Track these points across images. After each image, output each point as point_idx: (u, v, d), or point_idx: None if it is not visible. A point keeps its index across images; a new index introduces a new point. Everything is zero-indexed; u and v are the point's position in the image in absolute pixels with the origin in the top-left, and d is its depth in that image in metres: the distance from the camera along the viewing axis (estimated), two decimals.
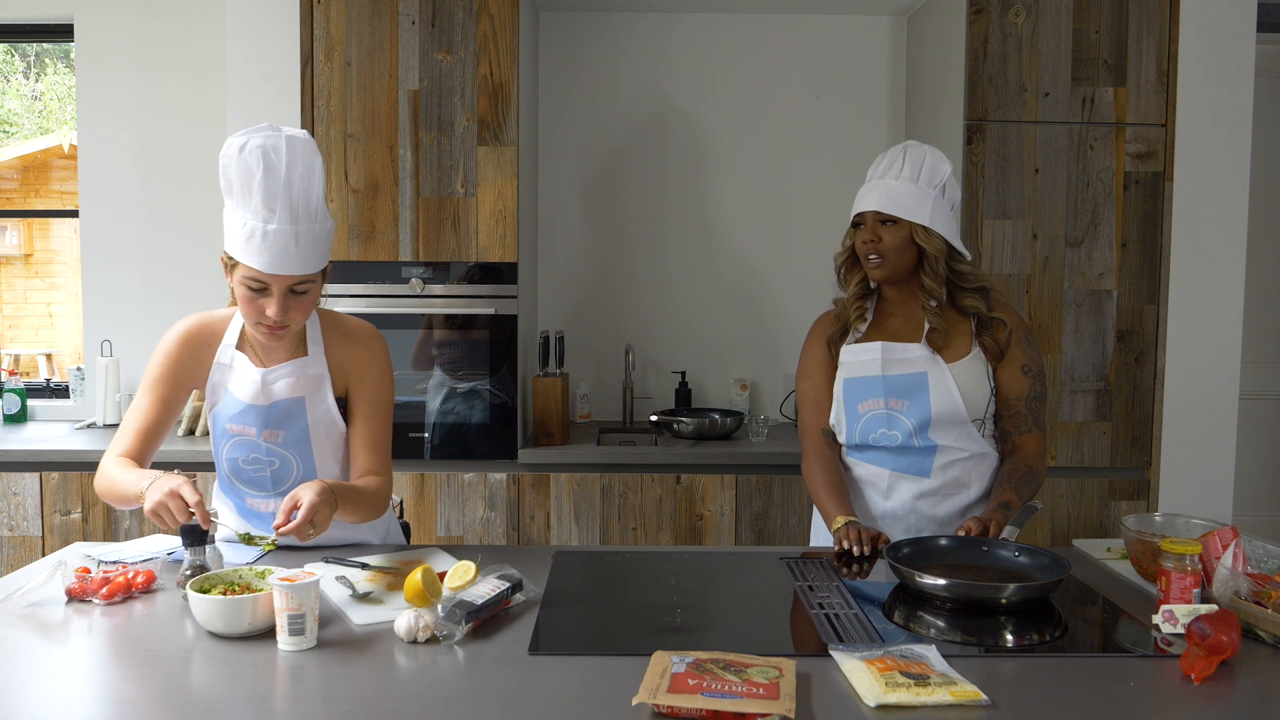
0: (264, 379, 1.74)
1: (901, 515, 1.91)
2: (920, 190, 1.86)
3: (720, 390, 3.62)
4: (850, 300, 1.98)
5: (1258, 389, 3.76)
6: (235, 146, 1.60)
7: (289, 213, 1.61)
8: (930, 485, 1.89)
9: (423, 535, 2.97)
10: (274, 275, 1.61)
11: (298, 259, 1.62)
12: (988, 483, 1.93)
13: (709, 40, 3.54)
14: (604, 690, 1.19)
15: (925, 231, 1.85)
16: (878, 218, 1.87)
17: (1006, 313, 1.92)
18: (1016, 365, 1.89)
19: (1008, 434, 1.91)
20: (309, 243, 1.63)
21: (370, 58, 2.91)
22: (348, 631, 1.40)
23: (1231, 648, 1.24)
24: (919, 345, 1.89)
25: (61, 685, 1.22)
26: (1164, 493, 3.03)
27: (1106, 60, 2.95)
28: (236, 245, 1.62)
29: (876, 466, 1.94)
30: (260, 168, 1.58)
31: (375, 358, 1.81)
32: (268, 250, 1.60)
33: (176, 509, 1.49)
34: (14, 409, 3.45)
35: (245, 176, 1.59)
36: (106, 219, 3.49)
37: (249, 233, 1.60)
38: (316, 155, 1.65)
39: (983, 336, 1.90)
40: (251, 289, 1.63)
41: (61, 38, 3.56)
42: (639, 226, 3.59)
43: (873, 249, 1.88)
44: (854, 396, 1.94)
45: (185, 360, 1.76)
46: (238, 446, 1.78)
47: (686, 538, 3.00)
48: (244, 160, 1.59)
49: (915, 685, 1.17)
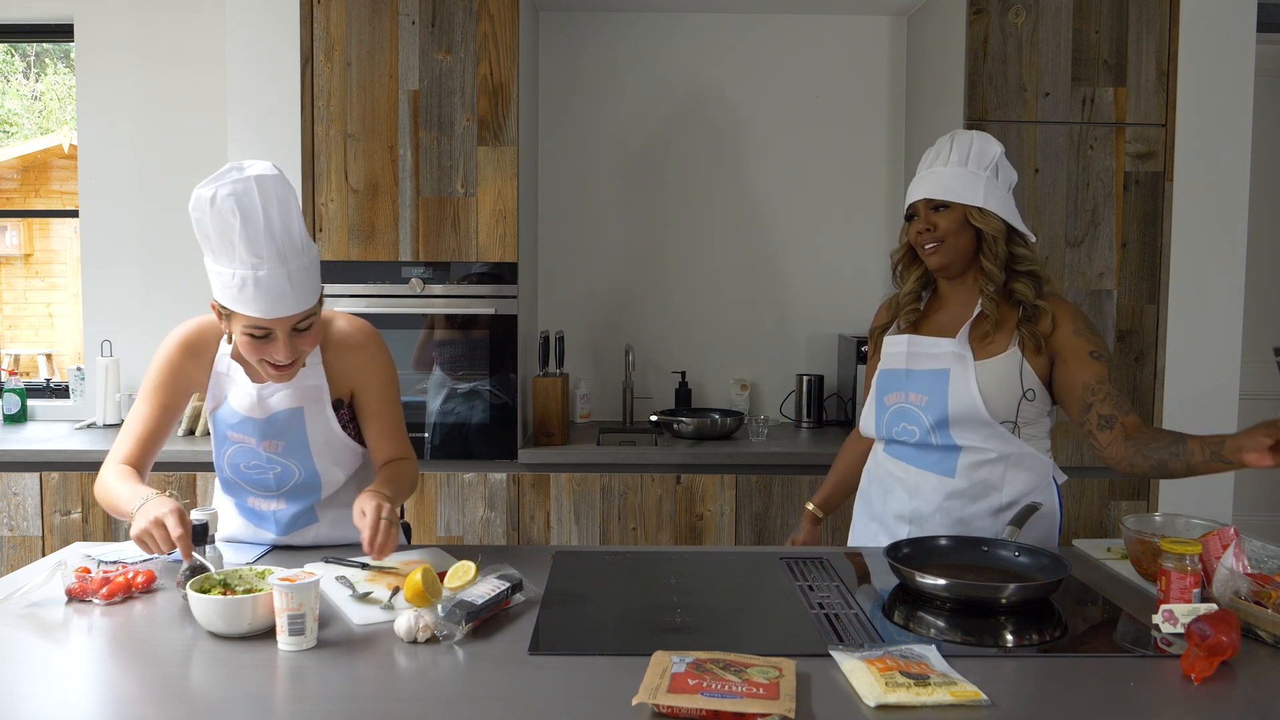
0: (259, 394, 1.73)
1: (928, 515, 1.86)
2: (970, 173, 1.82)
3: (720, 390, 3.62)
4: (905, 297, 1.95)
5: (1258, 389, 3.76)
6: (205, 199, 1.52)
7: (276, 254, 1.56)
8: (957, 486, 1.84)
9: (423, 535, 2.97)
10: (276, 319, 1.59)
11: (294, 297, 1.59)
12: (1022, 485, 1.84)
13: (709, 40, 3.54)
14: (604, 690, 1.19)
15: (980, 213, 1.81)
16: (929, 205, 1.84)
17: (1057, 304, 1.83)
18: (1083, 354, 1.79)
19: (1113, 419, 1.74)
20: (301, 278, 1.60)
21: (370, 58, 2.91)
22: (348, 631, 1.40)
23: (1231, 648, 1.24)
24: (950, 340, 1.84)
25: (61, 685, 1.22)
26: (1164, 493, 3.03)
27: (1106, 60, 2.95)
28: (229, 296, 1.57)
29: (905, 463, 1.91)
30: (237, 216, 1.52)
31: (375, 358, 1.81)
32: (264, 296, 1.56)
33: (160, 539, 1.47)
34: (14, 409, 3.45)
35: (223, 228, 1.53)
36: (106, 219, 3.49)
37: (240, 282, 1.55)
38: (288, 188, 1.60)
39: (1023, 326, 1.82)
40: (255, 336, 1.60)
41: (61, 38, 3.56)
42: (639, 226, 3.59)
43: (929, 237, 1.84)
44: (883, 388, 1.93)
45: (185, 366, 1.75)
46: (239, 453, 1.78)
47: (686, 538, 3.00)
48: (218, 212, 1.52)
49: (915, 685, 1.16)
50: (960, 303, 1.90)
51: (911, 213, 1.89)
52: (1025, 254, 1.84)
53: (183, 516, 1.49)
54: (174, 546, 1.48)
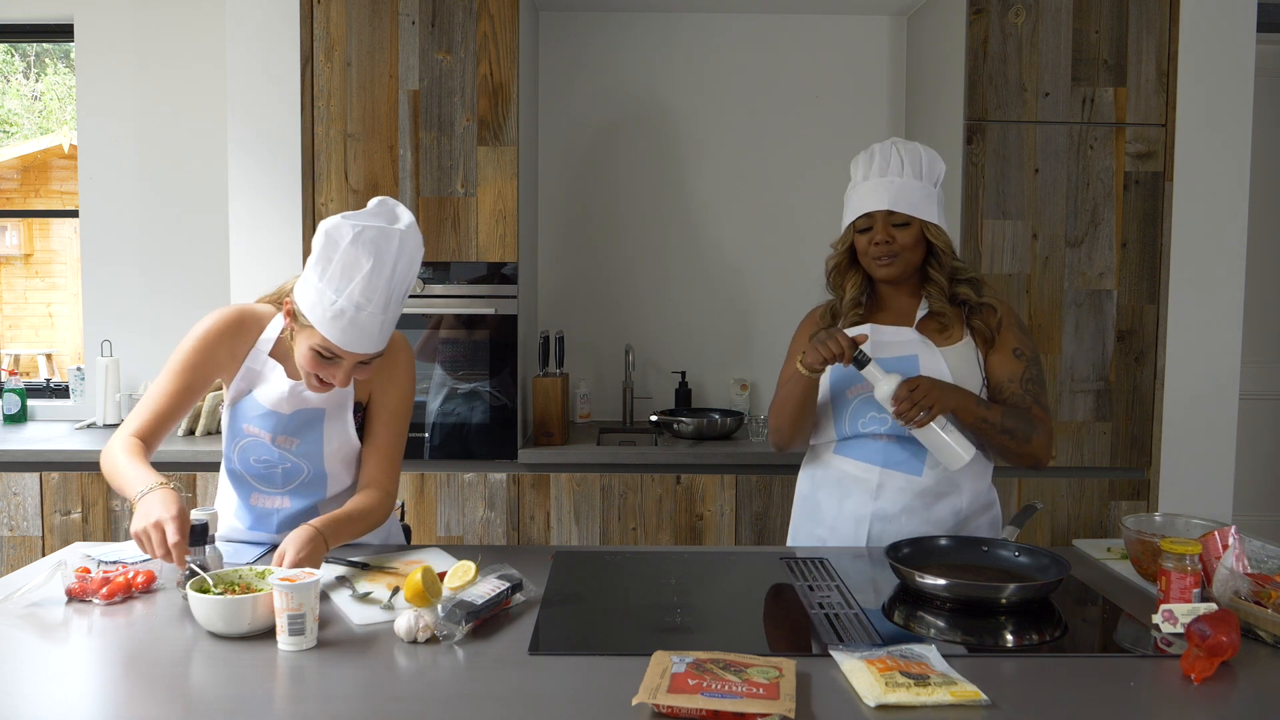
0: (293, 389, 1.73)
1: (893, 515, 1.85)
2: (925, 188, 1.84)
3: (720, 390, 3.62)
4: (847, 305, 1.94)
5: (1258, 389, 3.76)
6: (349, 232, 1.56)
7: (384, 302, 1.59)
8: (924, 484, 1.84)
9: (423, 535, 2.97)
10: (350, 352, 1.61)
11: (379, 340, 1.63)
12: (980, 483, 1.88)
13: (709, 40, 3.54)
14: (604, 690, 1.19)
15: (938, 230, 1.84)
16: (891, 218, 1.84)
17: (996, 300, 1.90)
18: (1008, 349, 1.86)
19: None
20: (389, 323, 1.64)
21: (370, 58, 2.91)
22: (348, 631, 1.40)
23: (1231, 648, 1.24)
24: (910, 329, 1.87)
25: (61, 685, 1.22)
26: (1164, 493, 3.03)
27: (1106, 60, 2.95)
28: (320, 316, 1.59)
29: (866, 463, 1.87)
30: (370, 261, 1.56)
31: (401, 368, 1.82)
32: (353, 333, 1.59)
33: (157, 542, 1.46)
34: (14, 409, 3.45)
35: (351, 264, 1.56)
36: (106, 219, 3.49)
37: (338, 312, 1.57)
38: (420, 247, 1.64)
39: (973, 321, 1.87)
40: (322, 356, 1.62)
41: (61, 38, 3.56)
42: (639, 226, 3.59)
43: (885, 249, 1.84)
44: (843, 383, 1.89)
45: (219, 352, 1.74)
46: (250, 447, 1.78)
47: (686, 538, 3.00)
48: (355, 249, 1.56)
49: (915, 685, 1.16)
50: (901, 309, 1.92)
51: (868, 223, 1.86)
52: (961, 265, 1.90)
53: (183, 523, 1.47)
54: (168, 551, 1.45)
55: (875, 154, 1.89)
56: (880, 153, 1.88)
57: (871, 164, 1.88)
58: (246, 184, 2.97)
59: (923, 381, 1.71)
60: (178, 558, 1.46)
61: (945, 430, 1.72)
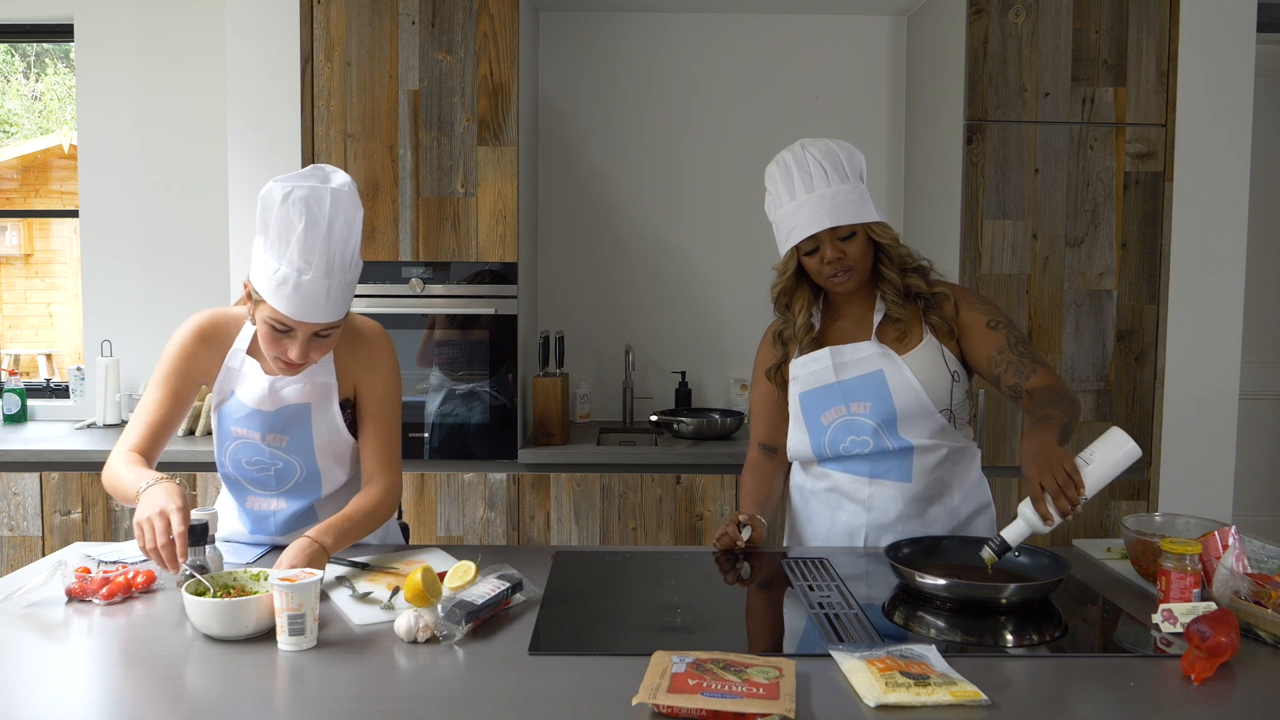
0: (272, 385, 1.73)
1: (888, 524, 1.84)
2: (856, 188, 1.77)
3: (720, 390, 3.62)
4: (800, 330, 1.89)
5: (1258, 389, 3.76)
6: (279, 194, 1.56)
7: (325, 266, 1.59)
8: (915, 490, 1.83)
9: (423, 535, 2.97)
10: (301, 322, 1.61)
11: (326, 308, 1.62)
12: (970, 481, 1.87)
13: (709, 40, 3.54)
14: (604, 690, 1.19)
15: (881, 227, 1.79)
16: (836, 235, 1.77)
17: (947, 286, 1.86)
18: (980, 326, 1.81)
19: (1018, 389, 1.75)
20: (339, 292, 1.63)
21: (370, 58, 2.91)
22: (348, 631, 1.40)
23: (1231, 648, 1.23)
24: (869, 343, 1.83)
25: (61, 685, 1.22)
26: (1164, 493, 3.03)
27: (1106, 60, 2.95)
28: (266, 287, 1.59)
29: (854, 475, 1.86)
30: (302, 220, 1.56)
31: (382, 357, 1.81)
32: (299, 300, 1.58)
33: (160, 529, 1.45)
34: (14, 409, 3.45)
35: (285, 226, 1.57)
36: (106, 219, 3.49)
37: (281, 279, 1.57)
38: (358, 208, 1.63)
39: (930, 318, 1.83)
40: (276, 330, 1.63)
41: (61, 38, 3.56)
42: (639, 226, 3.59)
43: (839, 266, 1.78)
44: (814, 409, 1.87)
45: (198, 356, 1.75)
46: (241, 449, 1.78)
47: (686, 538, 3.00)
48: (286, 209, 1.56)
49: (915, 685, 1.16)
50: (856, 316, 1.89)
51: (813, 244, 1.79)
52: (908, 252, 1.85)
53: (186, 515, 1.48)
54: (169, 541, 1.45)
55: (792, 169, 1.80)
56: (798, 166, 1.79)
57: (792, 181, 1.80)
58: (247, 184, 2.97)
59: (1042, 482, 1.53)
60: (169, 558, 1.45)
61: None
